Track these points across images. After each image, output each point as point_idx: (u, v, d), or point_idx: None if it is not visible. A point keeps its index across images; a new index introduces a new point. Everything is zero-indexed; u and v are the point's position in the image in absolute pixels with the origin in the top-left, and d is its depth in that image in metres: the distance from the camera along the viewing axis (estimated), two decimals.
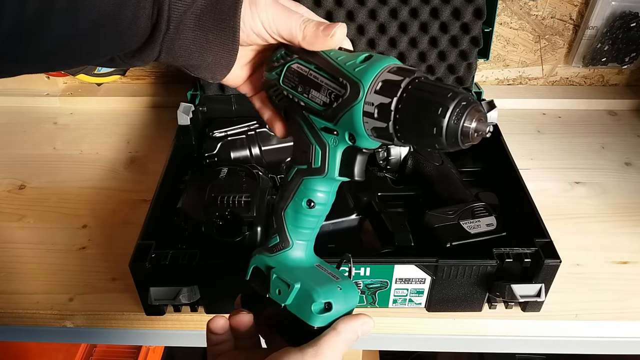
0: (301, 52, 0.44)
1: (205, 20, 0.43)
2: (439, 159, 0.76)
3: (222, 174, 0.72)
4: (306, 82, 0.43)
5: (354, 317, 0.44)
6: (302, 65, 0.44)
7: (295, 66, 0.44)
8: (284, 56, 0.45)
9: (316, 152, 0.44)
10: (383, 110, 0.37)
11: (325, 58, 0.43)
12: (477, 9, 0.81)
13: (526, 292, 0.60)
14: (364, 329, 0.44)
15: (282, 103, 0.46)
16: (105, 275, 0.70)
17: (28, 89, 1.06)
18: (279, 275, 0.45)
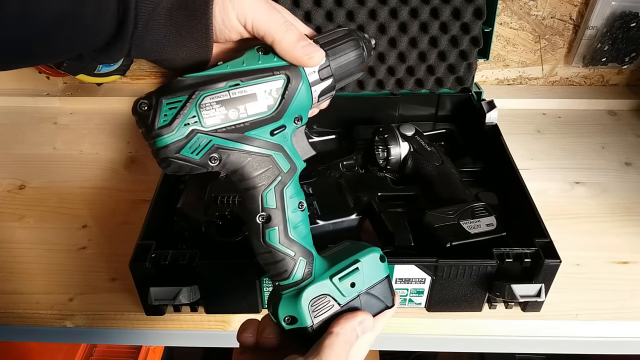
0: (189, 87, 0.39)
1: (175, 16, 0.42)
2: (439, 159, 0.76)
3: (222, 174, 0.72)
4: (234, 103, 0.40)
5: (350, 317, 0.44)
6: (213, 93, 0.39)
7: (208, 99, 0.39)
8: (172, 105, 0.39)
9: (278, 158, 0.43)
10: (324, 69, 0.43)
11: (229, 72, 0.41)
12: (477, 9, 0.81)
13: (526, 292, 0.60)
14: (363, 326, 0.44)
15: (209, 150, 0.40)
16: (105, 275, 0.71)
17: (28, 89, 1.06)
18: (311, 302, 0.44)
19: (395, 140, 0.78)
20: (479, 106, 0.85)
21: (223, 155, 0.41)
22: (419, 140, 0.78)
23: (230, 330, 0.67)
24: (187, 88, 0.39)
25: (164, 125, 0.39)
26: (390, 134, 0.78)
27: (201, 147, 0.40)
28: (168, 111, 0.39)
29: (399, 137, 0.78)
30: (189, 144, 0.39)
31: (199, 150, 0.40)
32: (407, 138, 0.78)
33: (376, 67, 0.87)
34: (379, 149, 0.79)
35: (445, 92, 0.90)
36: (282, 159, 0.43)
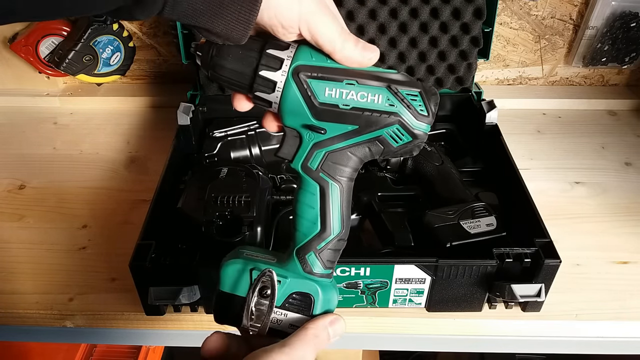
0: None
1: None
2: (439, 159, 0.76)
3: (222, 174, 0.72)
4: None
5: (322, 316, 0.44)
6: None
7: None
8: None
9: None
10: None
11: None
12: (477, 9, 0.81)
13: (526, 292, 0.60)
14: (335, 328, 0.44)
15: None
16: (105, 275, 0.70)
17: (28, 89, 1.06)
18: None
19: None
20: (479, 106, 0.85)
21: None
22: None
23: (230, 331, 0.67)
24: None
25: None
26: None
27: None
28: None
29: None
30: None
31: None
32: None
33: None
34: None
35: (445, 92, 0.90)
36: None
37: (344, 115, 0.42)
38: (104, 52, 0.97)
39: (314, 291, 0.45)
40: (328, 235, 0.45)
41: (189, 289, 0.60)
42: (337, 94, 0.42)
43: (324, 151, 0.44)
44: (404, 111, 0.42)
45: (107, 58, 0.98)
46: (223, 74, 0.43)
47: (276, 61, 0.41)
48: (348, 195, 0.46)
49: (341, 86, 0.42)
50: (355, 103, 0.42)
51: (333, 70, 0.42)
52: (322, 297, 0.45)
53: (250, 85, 0.42)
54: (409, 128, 0.43)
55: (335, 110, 0.42)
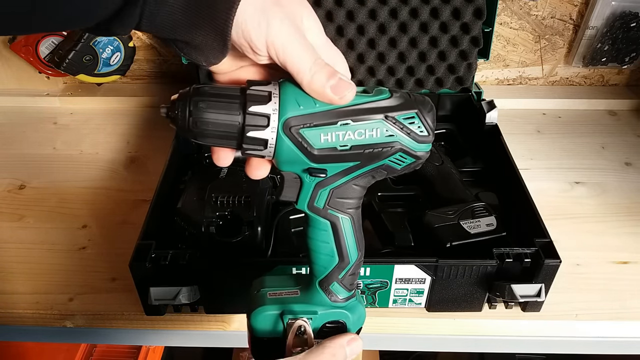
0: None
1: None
2: (439, 159, 0.76)
3: (222, 174, 0.72)
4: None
5: (341, 335, 0.45)
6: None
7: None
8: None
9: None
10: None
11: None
12: (477, 9, 0.81)
13: (526, 292, 0.60)
14: (352, 347, 0.44)
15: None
16: (105, 275, 0.70)
17: (28, 89, 1.06)
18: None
19: None
20: (479, 106, 0.85)
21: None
22: None
23: (230, 330, 0.67)
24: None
25: None
26: None
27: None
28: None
29: None
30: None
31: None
32: None
33: (376, 67, 0.87)
34: None
35: (445, 92, 0.90)
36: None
37: (344, 156, 0.40)
38: (104, 52, 0.97)
39: (344, 317, 0.47)
40: (347, 264, 0.45)
41: (189, 289, 0.60)
42: (333, 137, 0.39)
43: (328, 189, 0.43)
44: (404, 138, 0.40)
45: (107, 58, 0.98)
46: (207, 128, 0.39)
47: (263, 119, 0.38)
48: (359, 222, 0.45)
49: (336, 129, 0.39)
50: (353, 142, 0.40)
51: (324, 114, 0.39)
52: (352, 319, 0.47)
53: (239, 144, 0.40)
54: (410, 152, 0.41)
55: (334, 153, 0.40)
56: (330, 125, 0.39)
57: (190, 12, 0.37)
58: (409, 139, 0.40)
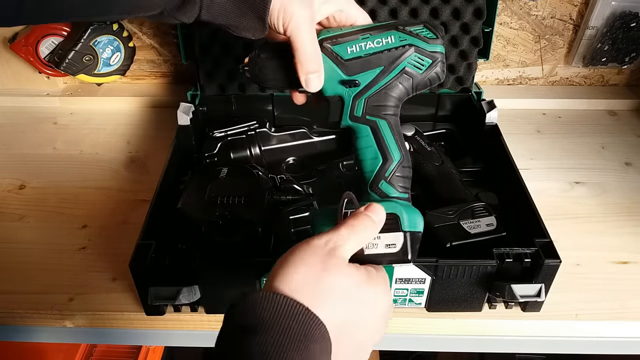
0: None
1: None
2: (439, 159, 0.76)
3: (222, 174, 0.72)
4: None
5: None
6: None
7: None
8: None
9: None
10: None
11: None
12: (477, 9, 0.81)
13: (526, 292, 0.60)
14: (371, 211, 0.46)
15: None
16: (105, 275, 0.71)
17: (28, 89, 1.06)
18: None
19: None
20: (479, 106, 0.85)
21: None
22: (419, 140, 0.78)
23: None
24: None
25: None
26: None
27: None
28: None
29: None
30: None
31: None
32: (407, 138, 0.78)
33: None
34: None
35: (445, 92, 0.90)
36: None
37: (369, 62, 0.51)
38: (104, 52, 0.97)
39: (397, 209, 0.48)
40: (391, 163, 0.52)
41: (189, 289, 0.60)
42: (357, 48, 0.51)
43: (363, 99, 0.52)
44: (415, 40, 0.51)
45: (107, 58, 0.98)
46: (268, 83, 0.55)
47: None
48: (397, 128, 0.53)
49: (359, 41, 0.51)
50: (374, 49, 0.51)
51: (348, 33, 0.52)
52: (406, 213, 0.49)
53: (292, 83, 0.53)
54: (425, 51, 0.51)
55: (360, 60, 0.51)
56: (353, 40, 0.51)
57: (238, 3, 0.50)
58: (420, 41, 0.51)
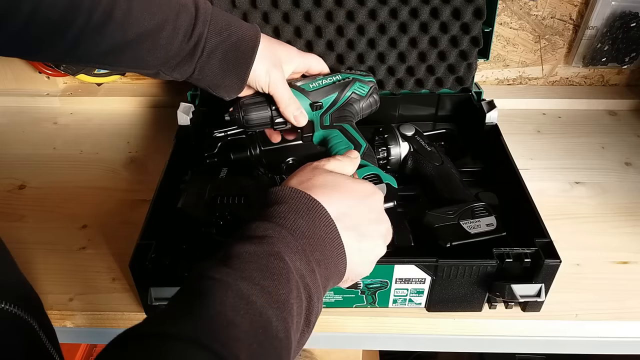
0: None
1: (229, 53, 0.63)
2: (439, 159, 0.76)
3: (222, 174, 0.72)
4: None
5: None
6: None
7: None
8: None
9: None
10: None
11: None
12: (477, 9, 0.81)
13: (526, 292, 0.60)
14: (348, 153, 0.61)
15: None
16: (105, 275, 0.71)
17: (28, 89, 1.06)
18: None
19: (395, 140, 0.78)
20: (479, 106, 0.85)
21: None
22: (419, 140, 0.78)
23: None
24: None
25: None
26: (390, 134, 0.78)
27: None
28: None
29: (399, 137, 0.78)
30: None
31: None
32: (407, 138, 0.78)
33: (376, 67, 0.87)
34: (379, 149, 0.79)
35: (445, 92, 0.90)
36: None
37: (326, 90, 0.73)
38: None
39: (377, 171, 0.66)
40: (360, 148, 0.69)
41: None
42: (316, 84, 0.73)
43: (328, 114, 0.73)
44: (355, 76, 0.76)
45: None
46: (252, 123, 0.71)
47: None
48: (357, 128, 0.72)
49: (317, 80, 0.73)
50: (327, 83, 0.73)
51: (309, 77, 0.75)
52: (382, 174, 0.66)
53: (272, 125, 0.72)
54: (363, 81, 0.76)
55: (319, 90, 0.72)
56: (313, 79, 0.74)
57: (224, 67, 0.64)
58: (358, 76, 0.76)
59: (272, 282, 0.40)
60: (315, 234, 0.45)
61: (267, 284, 0.40)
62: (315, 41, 0.84)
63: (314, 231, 0.45)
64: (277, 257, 0.42)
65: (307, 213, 0.46)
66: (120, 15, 0.56)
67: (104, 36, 0.56)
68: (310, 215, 0.46)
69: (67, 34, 0.54)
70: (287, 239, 0.44)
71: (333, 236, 0.47)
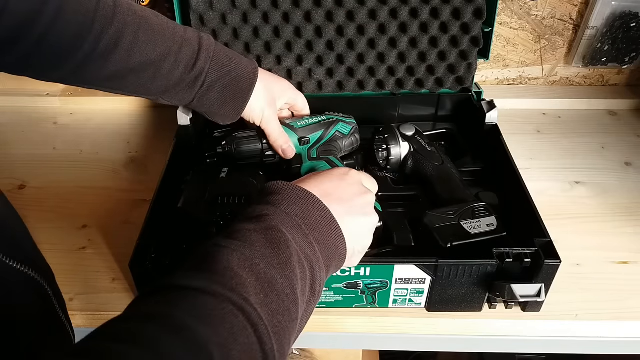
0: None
1: (228, 87, 0.69)
2: (439, 159, 0.76)
3: (223, 173, 0.72)
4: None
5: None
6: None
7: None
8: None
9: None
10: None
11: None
12: (477, 9, 0.81)
13: (526, 292, 0.60)
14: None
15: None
16: (105, 275, 0.71)
17: (28, 89, 1.06)
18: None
19: (396, 140, 0.78)
20: (479, 106, 0.85)
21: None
22: (419, 140, 0.78)
23: None
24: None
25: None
26: (390, 134, 0.78)
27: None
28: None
29: (399, 137, 0.78)
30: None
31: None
32: (407, 138, 0.78)
33: (376, 67, 0.87)
34: (379, 149, 0.79)
35: (445, 92, 0.90)
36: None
37: (313, 128, 0.78)
38: None
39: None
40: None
41: None
42: (304, 122, 0.79)
43: (315, 149, 0.77)
44: (338, 117, 0.81)
45: None
46: (244, 155, 0.77)
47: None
48: (342, 160, 0.78)
49: (304, 119, 0.79)
50: (314, 122, 0.79)
51: (298, 117, 0.81)
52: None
53: (262, 158, 0.77)
54: (345, 122, 0.81)
55: (307, 127, 0.78)
56: (301, 118, 0.80)
57: (222, 99, 0.70)
58: (341, 117, 0.81)
59: (273, 250, 0.43)
60: (310, 217, 0.48)
61: (268, 252, 0.43)
62: (315, 41, 0.84)
63: (308, 215, 0.48)
64: (275, 230, 0.45)
65: (299, 200, 0.49)
66: (126, 44, 0.59)
67: (108, 62, 0.59)
68: (303, 202, 0.49)
69: (73, 58, 0.57)
70: (282, 216, 0.47)
71: (329, 219, 0.49)
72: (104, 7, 0.58)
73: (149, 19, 0.62)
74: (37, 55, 0.56)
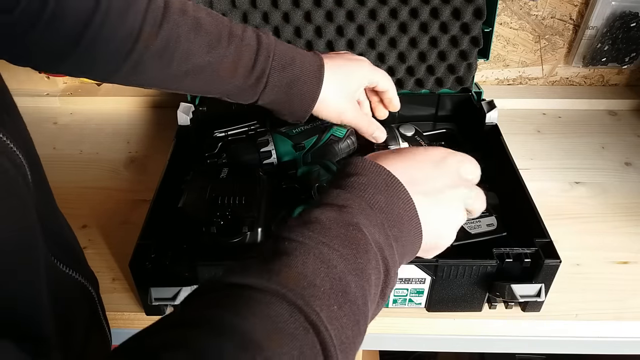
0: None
1: (292, 89, 0.64)
2: None
3: (223, 173, 0.72)
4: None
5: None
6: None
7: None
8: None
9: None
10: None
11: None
12: (477, 9, 0.81)
13: (526, 292, 0.60)
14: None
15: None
16: (105, 275, 0.71)
17: (28, 89, 1.06)
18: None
19: (395, 140, 0.78)
20: (479, 106, 0.85)
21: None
22: (419, 140, 0.78)
23: None
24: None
25: None
26: (390, 134, 0.78)
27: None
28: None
29: (399, 137, 0.78)
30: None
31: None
32: (407, 138, 0.78)
33: None
34: (379, 149, 0.79)
35: (445, 92, 0.90)
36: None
37: (307, 133, 0.78)
38: None
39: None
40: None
41: (189, 289, 0.60)
42: (298, 129, 0.79)
43: (309, 154, 0.77)
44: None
45: None
46: (242, 165, 0.77)
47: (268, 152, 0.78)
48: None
49: (298, 126, 0.79)
50: (307, 127, 0.79)
51: (292, 125, 0.79)
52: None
53: (260, 164, 0.77)
54: (339, 128, 0.78)
55: (301, 133, 0.78)
56: (294, 127, 0.79)
57: (287, 96, 0.65)
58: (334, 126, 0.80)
59: (351, 250, 0.40)
60: (394, 210, 0.45)
61: (347, 252, 0.40)
62: (315, 41, 0.84)
63: (392, 208, 0.45)
64: (356, 228, 0.42)
65: (386, 189, 0.45)
66: (178, 46, 0.58)
67: (162, 64, 0.58)
68: (389, 191, 0.45)
69: (124, 60, 0.56)
70: (366, 211, 0.43)
71: (411, 215, 0.46)
72: (155, 9, 0.56)
73: (201, 19, 0.59)
74: (88, 59, 0.56)
